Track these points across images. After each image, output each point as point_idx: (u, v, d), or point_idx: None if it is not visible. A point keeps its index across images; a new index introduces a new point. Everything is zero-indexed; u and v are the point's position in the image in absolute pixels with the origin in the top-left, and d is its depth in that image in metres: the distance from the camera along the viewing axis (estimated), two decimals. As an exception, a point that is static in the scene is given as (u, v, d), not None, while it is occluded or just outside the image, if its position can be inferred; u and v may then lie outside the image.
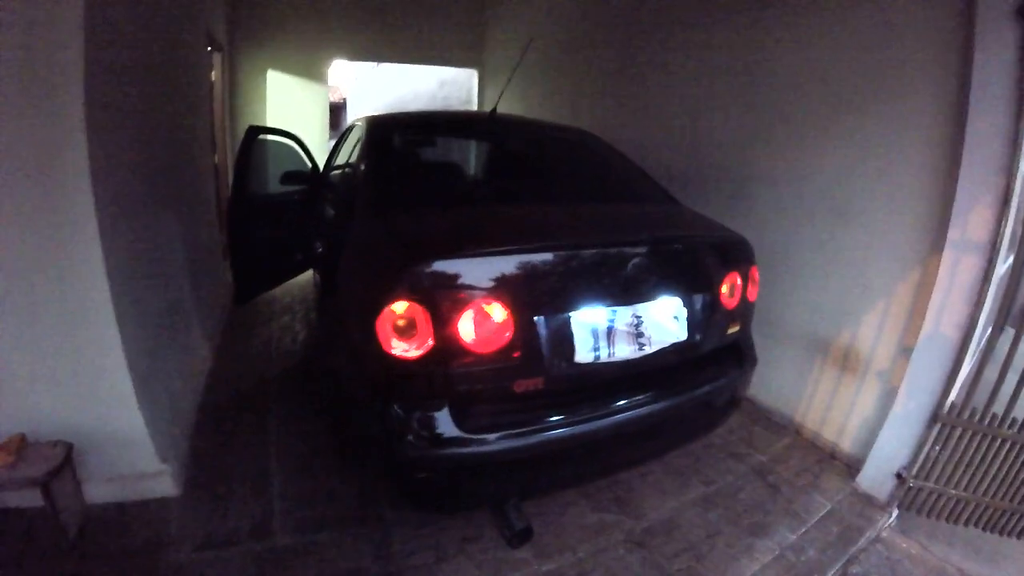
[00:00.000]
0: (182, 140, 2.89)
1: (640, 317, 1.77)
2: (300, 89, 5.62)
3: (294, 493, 2.17)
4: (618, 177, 2.53)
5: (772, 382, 2.98)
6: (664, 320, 1.83)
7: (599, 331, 1.70)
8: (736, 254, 2.10)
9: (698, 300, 1.93)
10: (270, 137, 2.79)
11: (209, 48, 4.13)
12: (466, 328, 1.52)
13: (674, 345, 1.85)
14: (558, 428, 1.64)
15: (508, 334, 1.56)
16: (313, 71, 5.67)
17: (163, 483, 2.02)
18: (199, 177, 3.26)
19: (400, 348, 1.50)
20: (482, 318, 1.53)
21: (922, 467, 2.31)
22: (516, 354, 1.58)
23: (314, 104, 5.83)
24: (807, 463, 2.65)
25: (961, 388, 2.31)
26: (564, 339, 1.65)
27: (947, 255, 2.19)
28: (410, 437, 1.54)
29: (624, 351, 1.74)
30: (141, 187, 2.19)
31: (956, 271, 2.19)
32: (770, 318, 2.99)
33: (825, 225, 2.70)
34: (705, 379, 1.96)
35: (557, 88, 5.27)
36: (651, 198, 2.43)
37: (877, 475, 2.43)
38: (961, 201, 2.15)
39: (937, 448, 2.28)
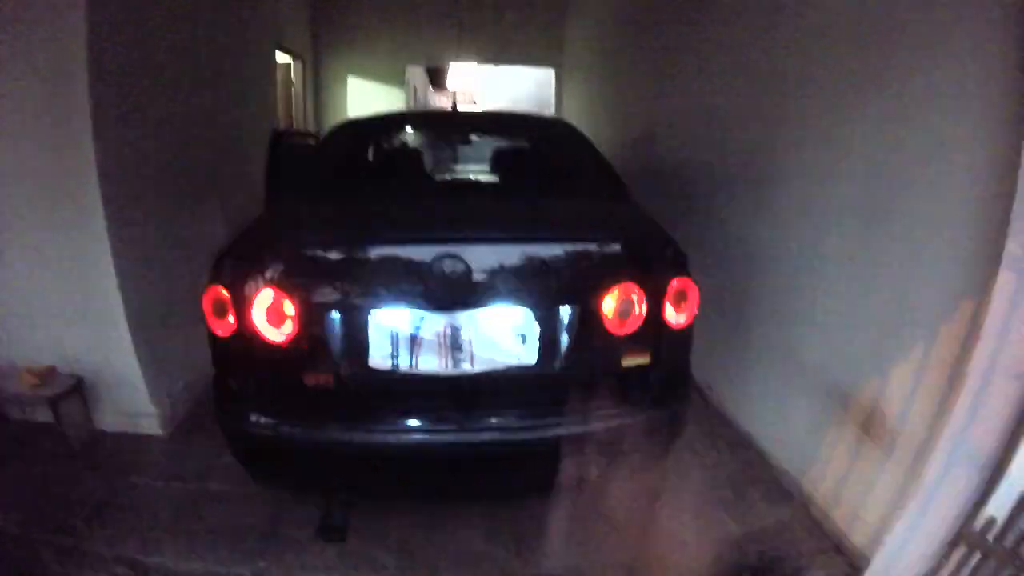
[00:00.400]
0: (225, 138, 3.45)
1: (459, 328, 1.60)
2: (379, 92, 6.16)
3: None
4: (569, 170, 2.29)
5: (784, 435, 2.35)
6: (498, 336, 1.61)
7: (400, 336, 1.59)
8: (641, 261, 1.70)
9: (562, 316, 1.63)
10: (298, 140, 3.20)
11: (290, 59, 4.80)
12: (258, 315, 1.59)
13: (513, 368, 1.61)
14: (347, 431, 1.62)
15: (296, 326, 1.59)
16: (391, 75, 6.16)
17: (152, 423, 2.57)
18: (247, 171, 3.75)
19: (216, 327, 1.66)
20: (274, 307, 1.59)
21: (931, 601, 1.63)
22: (304, 347, 1.61)
23: (392, 105, 6.24)
24: (799, 551, 2.04)
25: (1007, 498, 1.56)
26: (357, 339, 1.60)
27: (1004, 280, 1.43)
28: (222, 405, 1.74)
29: (430, 364, 1.60)
30: (159, 178, 2.71)
31: (1017, 305, 1.43)
32: (782, 350, 2.39)
33: (855, 233, 2.01)
34: (570, 419, 1.67)
35: (614, 86, 5.12)
36: (599, 193, 2.15)
37: (875, 597, 1.78)
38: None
39: (955, 579, 1.59)
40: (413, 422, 1.65)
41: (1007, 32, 1.49)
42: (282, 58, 5.11)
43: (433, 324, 1.60)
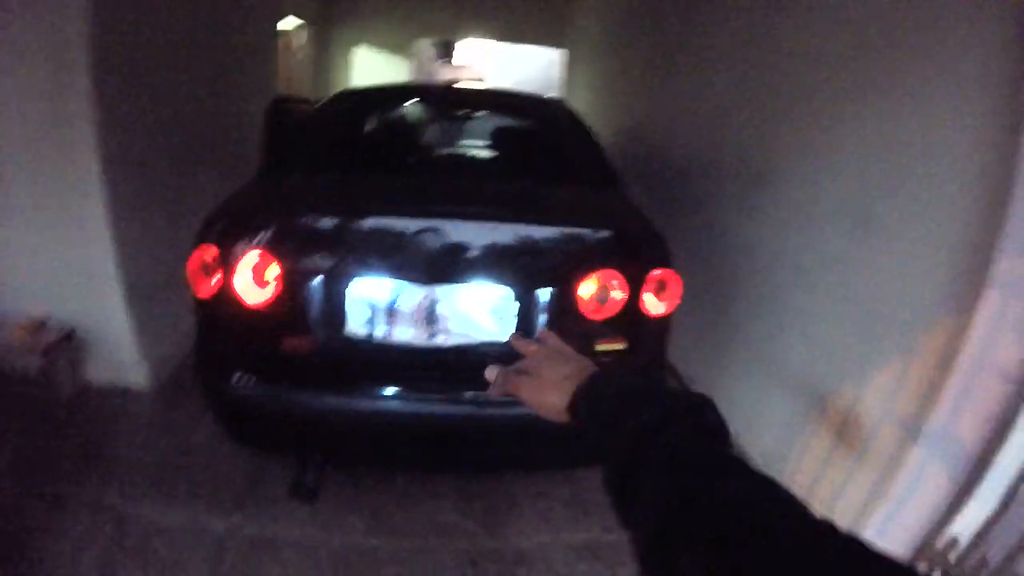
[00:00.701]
0: (223, 106, 3.41)
1: (436, 301, 1.62)
2: (385, 63, 6.06)
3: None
4: (562, 154, 2.25)
5: (759, 434, 2.38)
6: (475, 312, 1.63)
7: (377, 306, 1.61)
8: (623, 250, 1.71)
9: (540, 298, 1.64)
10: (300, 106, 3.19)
11: (298, 22, 4.68)
12: (240, 279, 1.61)
13: (487, 344, 1.64)
14: (321, 396, 1.66)
15: (277, 291, 1.61)
16: (397, 47, 6.05)
17: (139, 376, 2.62)
18: (244, 138, 3.69)
19: (199, 289, 1.68)
20: (256, 271, 1.60)
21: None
22: (283, 312, 1.63)
23: (398, 77, 6.16)
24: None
25: (973, 518, 1.56)
26: (335, 307, 1.62)
27: (989, 298, 1.42)
28: (202, 364, 1.78)
29: (405, 334, 1.62)
30: (158, 143, 2.71)
31: (1000, 323, 1.42)
32: (761, 350, 2.37)
33: (840, 236, 1.98)
34: None
35: (616, 72, 5.07)
36: (589, 179, 2.12)
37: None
38: (1017, 217, 1.37)
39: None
40: (385, 390, 1.67)
41: (994, 50, 1.45)
42: (291, 24, 5.02)
43: (411, 296, 1.61)
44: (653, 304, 1.73)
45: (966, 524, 1.51)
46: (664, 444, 0.47)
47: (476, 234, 1.61)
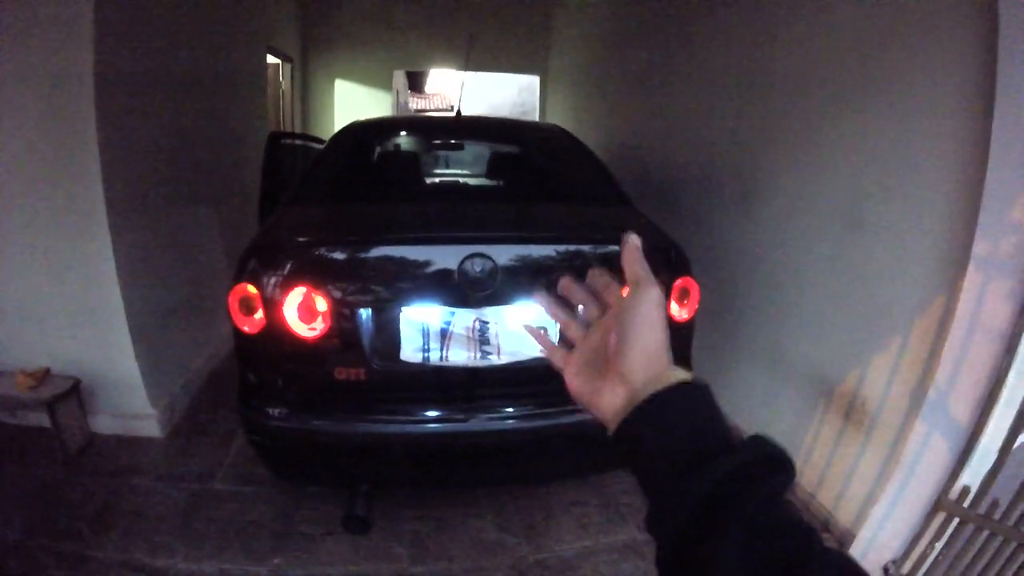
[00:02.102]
0: (219, 142, 3.43)
1: (487, 322, 1.67)
2: (366, 96, 6.19)
3: (246, 451, 2.49)
4: (571, 176, 2.37)
5: (770, 425, 2.48)
6: (523, 329, 1.70)
7: (430, 331, 1.65)
8: (650, 262, 1.81)
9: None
10: (297, 142, 3.19)
11: (279, 61, 4.82)
12: (289, 312, 1.62)
13: (536, 359, 1.69)
14: (380, 423, 1.66)
15: (328, 322, 1.63)
16: (378, 79, 6.20)
17: (151, 425, 2.52)
18: (241, 174, 3.75)
19: (244, 324, 1.68)
20: (305, 304, 1.62)
21: (916, 565, 1.76)
22: (336, 343, 1.64)
23: (379, 109, 6.30)
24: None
25: (979, 469, 1.70)
26: (389, 335, 1.65)
27: (971, 278, 1.62)
28: (248, 401, 1.74)
29: (460, 356, 1.66)
30: (159, 181, 2.69)
31: (983, 300, 1.61)
32: (769, 347, 2.52)
33: (836, 238, 2.17)
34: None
35: (598, 92, 5.21)
36: (602, 198, 2.23)
37: (863, 563, 1.89)
38: (991, 204, 1.56)
39: (936, 545, 1.72)
40: (442, 412, 1.69)
41: (968, 60, 1.67)
42: (271, 60, 5.07)
43: (462, 319, 1.67)
44: (678, 311, 1.82)
45: (974, 474, 1.67)
46: (748, 511, 0.37)
47: (518, 256, 1.69)
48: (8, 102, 2.18)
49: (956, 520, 1.68)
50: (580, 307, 0.56)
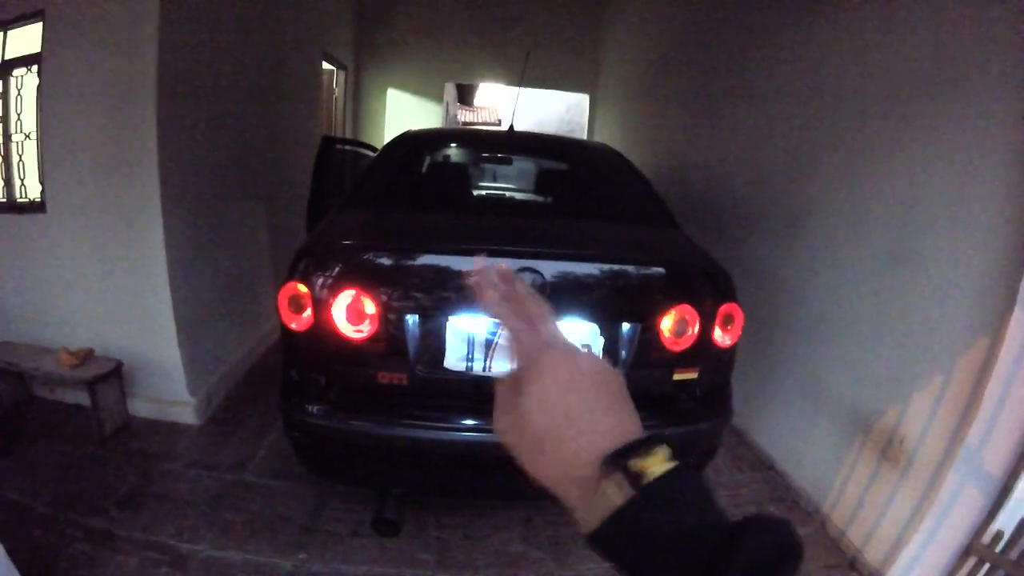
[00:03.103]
0: (273, 144, 3.55)
1: None
2: (416, 106, 6.32)
3: (279, 446, 2.52)
4: (620, 196, 2.39)
5: (804, 457, 2.45)
6: None
7: (475, 341, 1.67)
8: (697, 287, 1.83)
9: (624, 331, 1.75)
10: (348, 147, 3.26)
11: (333, 68, 4.96)
12: (337, 313, 1.65)
13: None
14: (418, 429, 1.67)
15: (375, 326, 1.65)
16: (429, 90, 6.33)
17: (187, 413, 2.56)
18: (292, 176, 3.86)
19: (291, 321, 1.71)
20: (353, 307, 1.65)
21: (951, 612, 1.71)
22: (381, 346, 1.66)
23: (429, 120, 6.43)
24: (816, 566, 2.11)
25: (1014, 514, 1.67)
26: (434, 342, 1.67)
27: (1017, 318, 1.60)
28: (289, 396, 1.76)
29: (503, 368, 1.66)
30: (213, 178, 2.79)
31: None
32: (808, 378, 2.51)
33: (881, 270, 2.16)
34: None
35: (646, 112, 5.22)
36: (650, 219, 2.25)
37: (894, 607, 1.85)
38: None
39: (970, 590, 1.68)
40: (479, 422, 1.70)
41: (1020, 93, 1.68)
42: (326, 66, 5.24)
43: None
44: (721, 336, 1.82)
45: (1008, 519, 1.66)
46: None
47: (567, 273, 1.71)
48: (73, 90, 2.30)
49: (987, 565, 1.65)
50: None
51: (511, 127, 2.71)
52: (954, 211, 1.89)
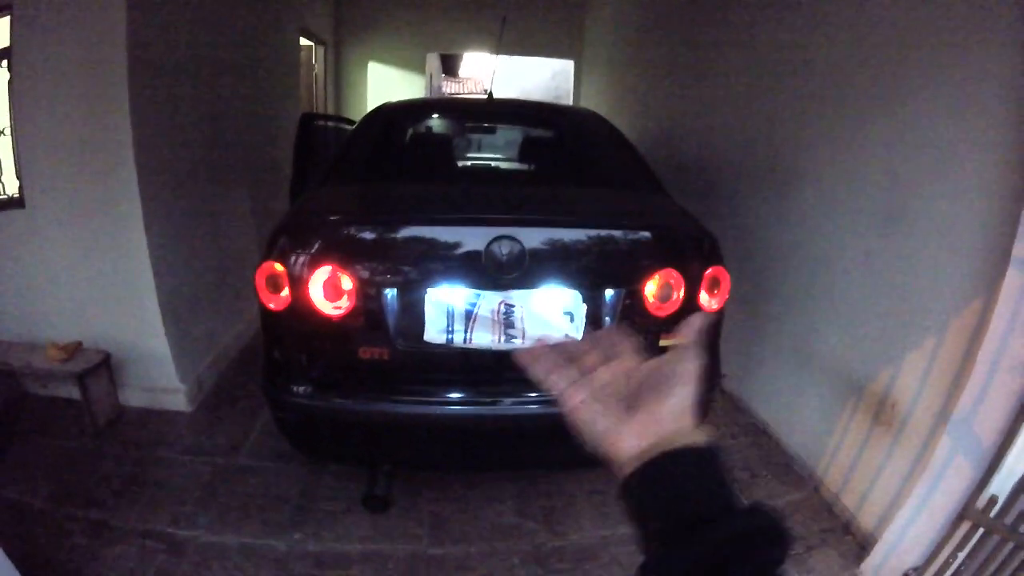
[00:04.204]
0: (252, 123, 3.47)
1: (512, 306, 1.65)
2: (399, 79, 6.20)
3: (271, 427, 2.53)
4: (605, 161, 2.34)
5: (797, 422, 2.46)
6: (547, 313, 1.67)
7: (455, 312, 1.64)
8: (682, 250, 1.80)
9: (608, 298, 1.72)
10: (329, 123, 3.20)
11: (312, 43, 4.85)
12: (314, 291, 1.63)
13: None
14: (403, 403, 1.67)
15: (353, 302, 1.64)
16: (411, 62, 6.20)
17: (179, 399, 2.58)
18: (273, 155, 3.80)
19: (269, 301, 1.69)
20: (330, 283, 1.63)
21: (938, 573, 1.73)
22: (360, 322, 1.65)
23: (412, 92, 6.29)
24: (810, 531, 2.14)
25: (1008, 480, 1.66)
26: (413, 315, 1.65)
27: (1010, 280, 1.56)
28: (272, 378, 1.76)
29: (484, 339, 1.64)
30: (192, 161, 2.73)
31: (1022, 303, 1.56)
32: (799, 342, 2.49)
33: (873, 233, 2.12)
34: None
35: (634, 79, 5.11)
36: (635, 184, 2.21)
37: (883, 569, 1.87)
38: None
39: (959, 554, 1.69)
40: (463, 394, 1.70)
41: (1012, 52, 1.61)
42: (304, 42, 5.11)
43: (488, 302, 1.65)
44: (708, 300, 1.80)
45: (1002, 484, 1.64)
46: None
47: (547, 239, 1.68)
48: (44, 82, 2.23)
49: (981, 530, 1.65)
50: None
51: (490, 94, 2.65)
52: (947, 171, 1.83)
